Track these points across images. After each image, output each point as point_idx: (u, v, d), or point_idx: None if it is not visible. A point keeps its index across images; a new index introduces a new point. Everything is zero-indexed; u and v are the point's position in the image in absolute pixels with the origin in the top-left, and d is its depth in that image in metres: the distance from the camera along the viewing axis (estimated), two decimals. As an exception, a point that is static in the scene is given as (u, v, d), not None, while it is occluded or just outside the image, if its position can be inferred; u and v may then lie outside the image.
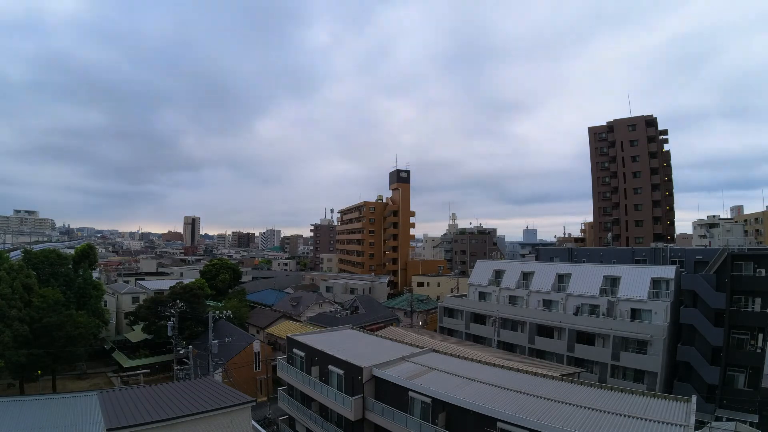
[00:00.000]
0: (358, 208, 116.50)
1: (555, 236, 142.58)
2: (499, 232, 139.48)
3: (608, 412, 20.84)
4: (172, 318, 40.64)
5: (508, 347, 48.66)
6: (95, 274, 66.48)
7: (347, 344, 35.16)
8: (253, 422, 23.98)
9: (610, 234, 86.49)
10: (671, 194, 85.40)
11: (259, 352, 47.92)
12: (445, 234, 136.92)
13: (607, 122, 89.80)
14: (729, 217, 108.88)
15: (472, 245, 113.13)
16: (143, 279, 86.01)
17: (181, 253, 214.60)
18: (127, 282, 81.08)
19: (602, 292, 44.17)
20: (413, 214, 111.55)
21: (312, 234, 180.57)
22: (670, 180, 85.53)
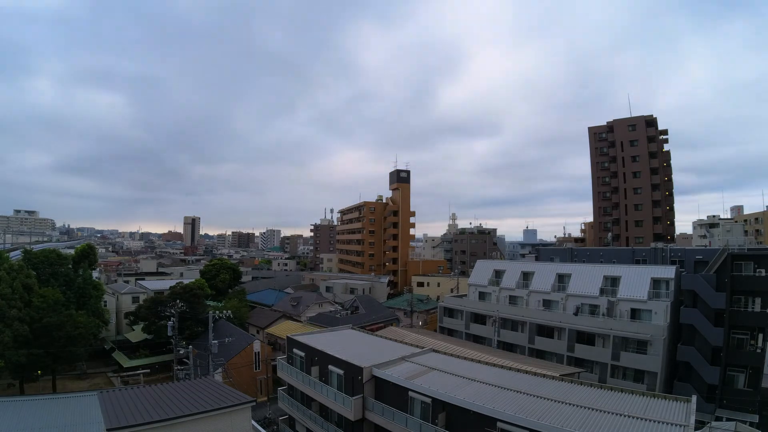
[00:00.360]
0: (358, 208, 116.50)
1: (555, 236, 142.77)
2: (499, 232, 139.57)
3: (608, 412, 20.84)
4: (172, 318, 40.63)
5: (508, 347, 48.66)
6: (95, 274, 66.45)
7: (347, 344, 35.17)
8: (253, 422, 23.97)
9: (610, 234, 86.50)
10: (671, 194, 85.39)
11: (259, 352, 47.92)
12: (445, 234, 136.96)
13: (607, 122, 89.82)
14: (729, 217, 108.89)
15: (472, 245, 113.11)
16: (143, 279, 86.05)
17: (181, 253, 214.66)
18: (127, 282, 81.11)
19: (602, 292, 44.18)
20: (413, 214, 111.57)
21: (312, 234, 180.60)
22: (670, 180, 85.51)
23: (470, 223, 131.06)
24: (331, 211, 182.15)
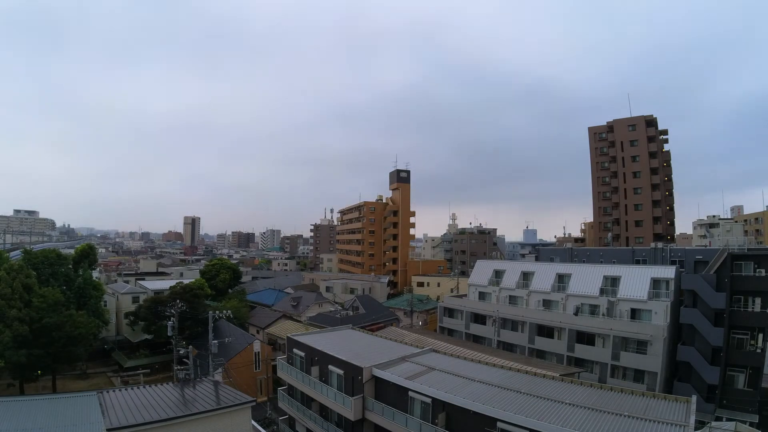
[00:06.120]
0: (358, 208, 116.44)
1: (555, 236, 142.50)
2: (499, 232, 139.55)
3: (608, 412, 20.84)
4: (172, 318, 40.60)
5: (508, 347, 48.66)
6: (95, 274, 66.41)
7: (347, 344, 35.17)
8: (253, 422, 23.99)
9: (610, 234, 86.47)
10: (671, 194, 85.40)
11: (259, 352, 47.93)
12: (445, 234, 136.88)
13: (607, 122, 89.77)
14: (729, 217, 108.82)
15: (472, 245, 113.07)
16: (143, 279, 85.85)
17: (181, 253, 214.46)
18: (127, 282, 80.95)
19: (602, 292, 44.18)
20: (413, 214, 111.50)
21: (312, 234, 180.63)
22: (670, 180, 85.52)
23: (470, 223, 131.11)
24: (331, 211, 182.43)
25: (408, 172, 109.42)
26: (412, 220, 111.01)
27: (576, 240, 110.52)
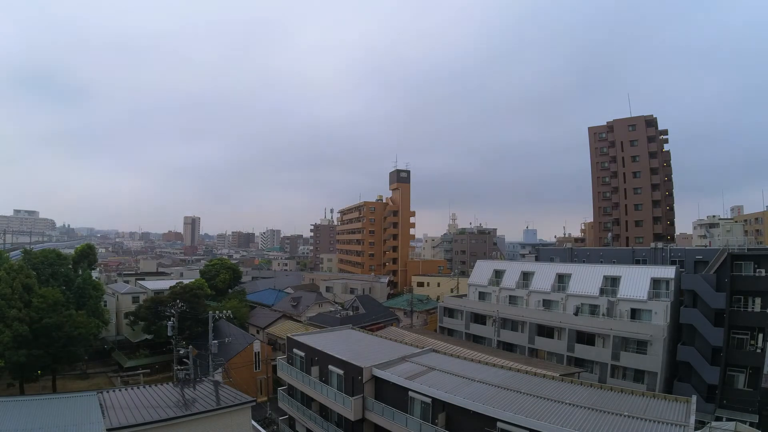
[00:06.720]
0: (358, 208, 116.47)
1: (555, 236, 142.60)
2: (499, 232, 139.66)
3: (608, 412, 20.84)
4: (172, 318, 40.60)
5: (508, 347, 48.67)
6: (95, 274, 66.39)
7: (347, 344, 35.20)
8: (253, 422, 24.00)
9: (610, 234, 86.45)
10: (671, 194, 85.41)
11: (259, 352, 47.94)
12: (445, 234, 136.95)
13: (607, 122, 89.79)
14: (729, 217, 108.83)
15: (472, 245, 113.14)
16: (143, 279, 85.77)
17: (181, 253, 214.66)
18: (127, 282, 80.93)
19: (602, 292, 44.19)
20: (413, 214, 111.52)
21: (312, 234, 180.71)
22: (670, 180, 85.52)
23: (470, 223, 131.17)
24: (331, 211, 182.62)
25: (408, 172, 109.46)
26: (412, 220, 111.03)
27: (576, 240, 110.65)
